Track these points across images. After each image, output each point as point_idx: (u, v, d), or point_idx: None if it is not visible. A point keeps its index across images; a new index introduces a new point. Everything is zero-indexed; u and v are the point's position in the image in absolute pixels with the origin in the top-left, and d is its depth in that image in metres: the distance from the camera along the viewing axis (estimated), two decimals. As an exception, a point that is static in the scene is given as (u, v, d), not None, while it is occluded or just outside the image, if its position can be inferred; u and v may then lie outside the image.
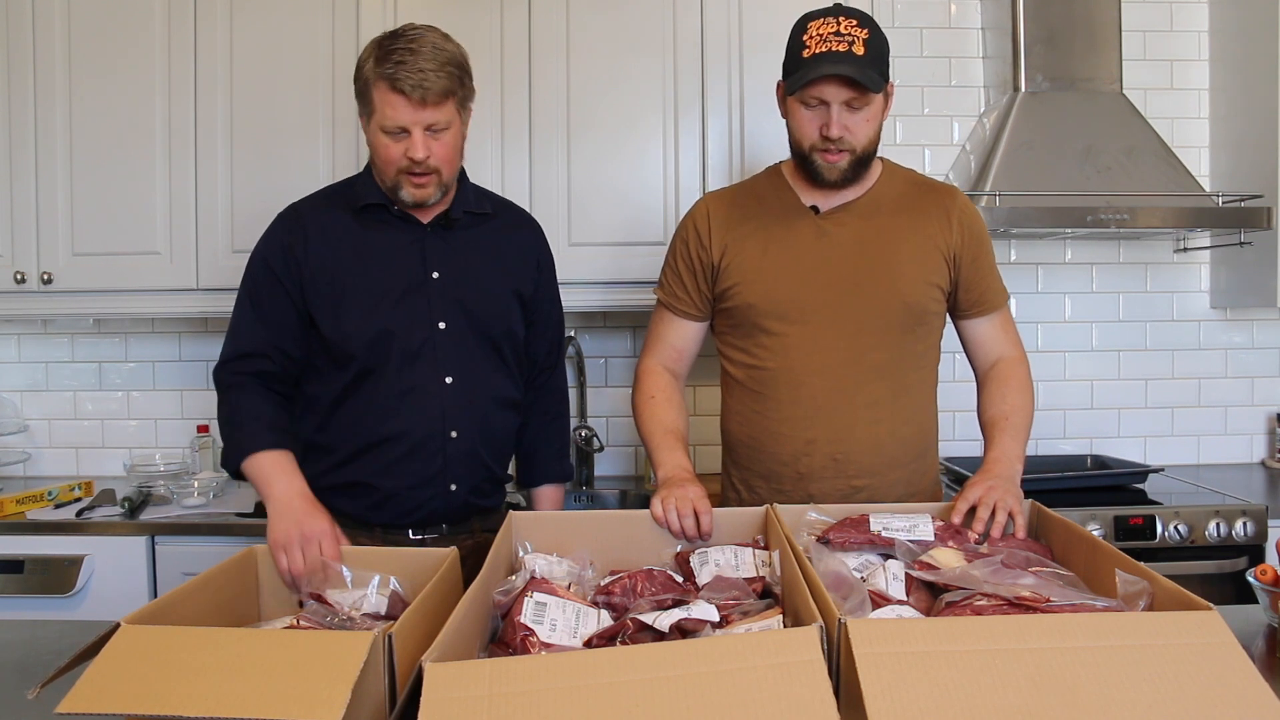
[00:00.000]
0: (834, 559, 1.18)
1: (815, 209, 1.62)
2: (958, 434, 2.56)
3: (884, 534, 1.27)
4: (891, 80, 1.54)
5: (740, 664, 0.84)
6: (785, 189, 1.66)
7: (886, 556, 1.25)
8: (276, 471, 1.50)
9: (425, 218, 1.64)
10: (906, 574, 1.17)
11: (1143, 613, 1.00)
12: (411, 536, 1.64)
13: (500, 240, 1.71)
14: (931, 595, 1.16)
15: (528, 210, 1.85)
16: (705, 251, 1.66)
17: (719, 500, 1.66)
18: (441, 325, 1.61)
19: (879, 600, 1.10)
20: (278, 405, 1.61)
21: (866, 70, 1.46)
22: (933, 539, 1.28)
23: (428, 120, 1.50)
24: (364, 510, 1.62)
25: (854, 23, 1.48)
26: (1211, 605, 0.93)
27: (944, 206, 1.63)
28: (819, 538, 1.29)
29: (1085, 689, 0.81)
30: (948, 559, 1.21)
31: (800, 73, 1.48)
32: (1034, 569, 1.17)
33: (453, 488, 1.63)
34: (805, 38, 1.49)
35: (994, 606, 1.02)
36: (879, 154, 1.63)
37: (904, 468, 1.63)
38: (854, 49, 1.46)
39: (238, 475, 1.55)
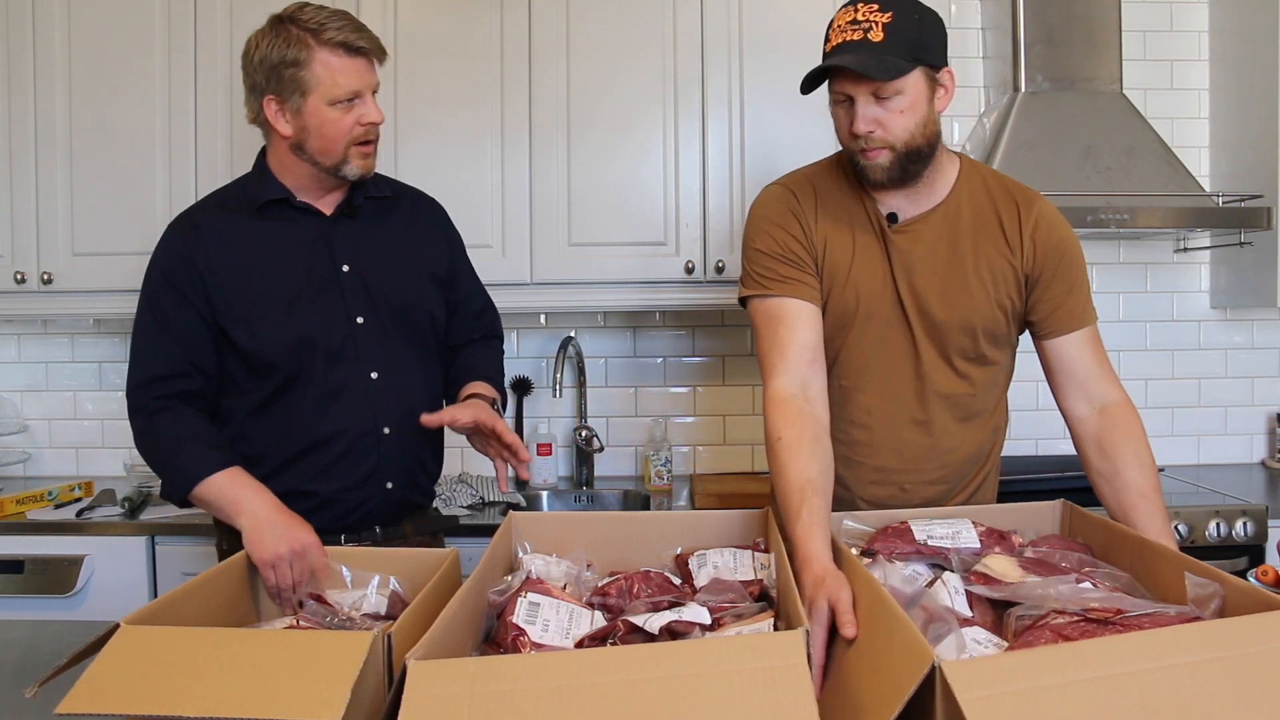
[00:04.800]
0: (897, 576, 1.14)
1: (892, 217, 1.47)
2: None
3: (929, 543, 1.25)
4: (944, 66, 1.39)
5: (724, 667, 0.82)
6: (860, 191, 1.49)
7: (934, 565, 1.23)
8: (240, 489, 1.44)
9: (327, 209, 1.58)
10: (966, 589, 1.14)
11: (1232, 619, 0.95)
12: (344, 543, 1.57)
13: (406, 224, 1.66)
14: (991, 606, 1.13)
15: (527, 211, 1.84)
16: (809, 237, 1.49)
17: None
18: (359, 320, 1.56)
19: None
20: (209, 423, 1.53)
21: (881, 57, 1.31)
22: (978, 544, 1.26)
23: (375, 83, 1.51)
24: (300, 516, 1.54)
25: (874, 7, 1.33)
26: None
27: (1018, 219, 1.46)
28: (862, 550, 1.26)
29: (1193, 710, 0.78)
30: (1003, 567, 1.18)
31: (813, 70, 1.36)
32: (1086, 569, 1.15)
33: (389, 485, 1.59)
34: (830, 30, 1.37)
35: (1072, 624, 0.99)
36: (961, 151, 1.51)
37: (964, 491, 1.58)
38: (870, 36, 1.32)
39: (184, 504, 1.49)
